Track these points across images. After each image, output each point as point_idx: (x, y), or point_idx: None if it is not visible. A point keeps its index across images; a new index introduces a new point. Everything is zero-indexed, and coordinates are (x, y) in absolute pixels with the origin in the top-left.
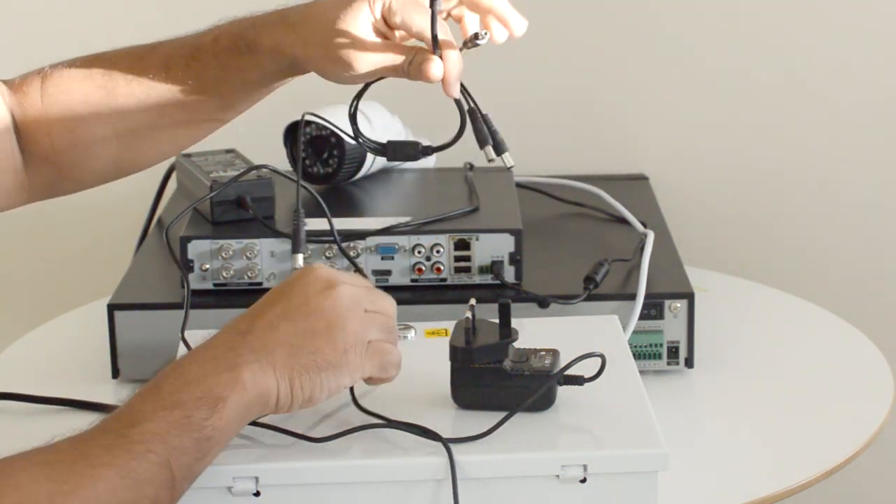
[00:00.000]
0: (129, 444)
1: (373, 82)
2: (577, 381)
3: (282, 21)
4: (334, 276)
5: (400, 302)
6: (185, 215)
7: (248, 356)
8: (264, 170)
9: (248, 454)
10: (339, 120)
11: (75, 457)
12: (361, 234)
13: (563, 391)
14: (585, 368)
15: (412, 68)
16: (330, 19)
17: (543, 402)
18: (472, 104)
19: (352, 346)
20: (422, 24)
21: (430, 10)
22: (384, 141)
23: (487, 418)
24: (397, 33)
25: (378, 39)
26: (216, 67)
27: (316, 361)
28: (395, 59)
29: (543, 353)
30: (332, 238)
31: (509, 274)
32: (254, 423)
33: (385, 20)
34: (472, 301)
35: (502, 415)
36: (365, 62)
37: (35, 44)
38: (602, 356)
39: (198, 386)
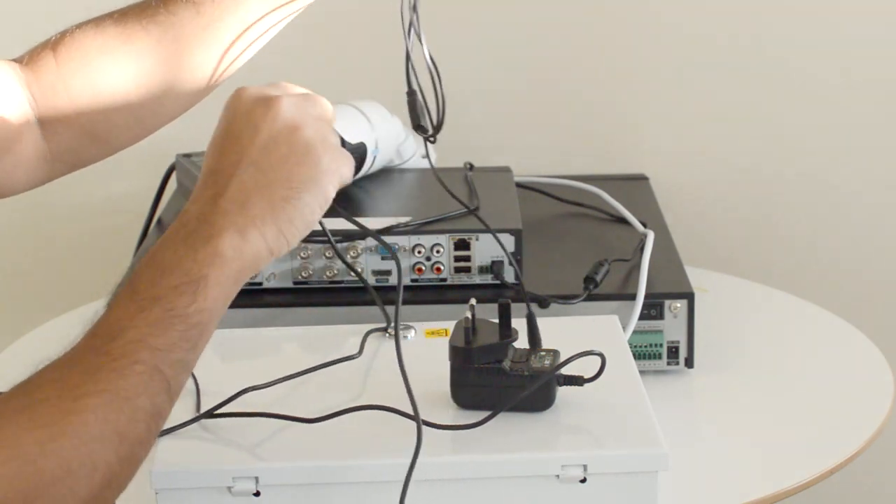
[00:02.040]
0: (112, 362)
1: None
2: (577, 381)
3: None
4: (265, 92)
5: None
6: None
7: (223, 222)
8: None
9: (248, 454)
10: (339, 120)
11: (59, 391)
12: (361, 234)
13: (563, 391)
14: (585, 369)
15: None
16: None
17: (543, 401)
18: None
19: (322, 152)
20: None
21: None
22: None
23: (484, 417)
24: None
25: None
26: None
27: (294, 187)
28: None
29: (544, 353)
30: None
31: (509, 274)
32: (246, 414)
33: None
34: (473, 301)
35: (500, 415)
36: None
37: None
38: (602, 355)
39: (172, 273)
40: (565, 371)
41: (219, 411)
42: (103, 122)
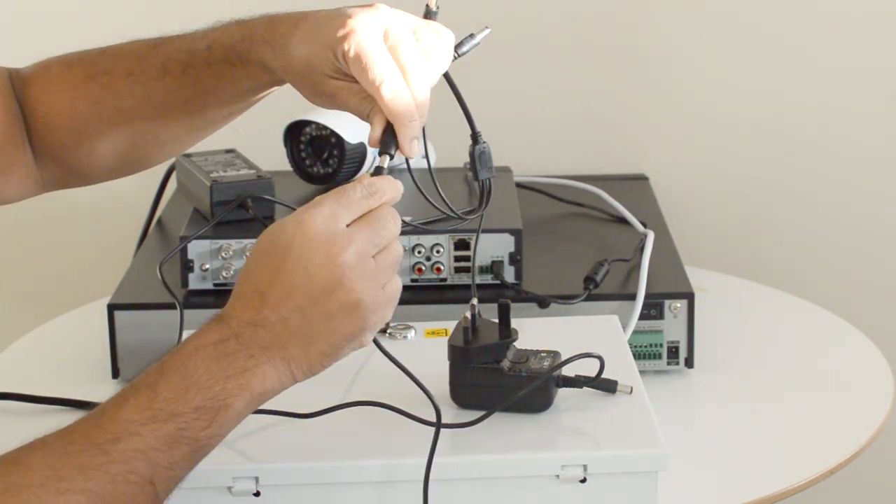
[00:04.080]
0: (108, 464)
1: None
2: (576, 383)
3: (267, 42)
4: (333, 238)
5: (400, 302)
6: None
7: (261, 356)
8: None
9: (248, 454)
10: (339, 120)
11: (45, 479)
12: None
13: (563, 390)
14: (585, 369)
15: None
16: (302, 55)
17: (540, 402)
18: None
19: (371, 311)
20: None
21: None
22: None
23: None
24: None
25: (344, 82)
26: (211, 76)
27: (335, 344)
28: (358, 105)
29: (544, 354)
30: None
31: (509, 274)
32: None
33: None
34: (474, 301)
35: (500, 415)
36: (332, 102)
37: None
38: (600, 358)
39: (199, 392)
40: (565, 372)
41: None
42: (86, 165)
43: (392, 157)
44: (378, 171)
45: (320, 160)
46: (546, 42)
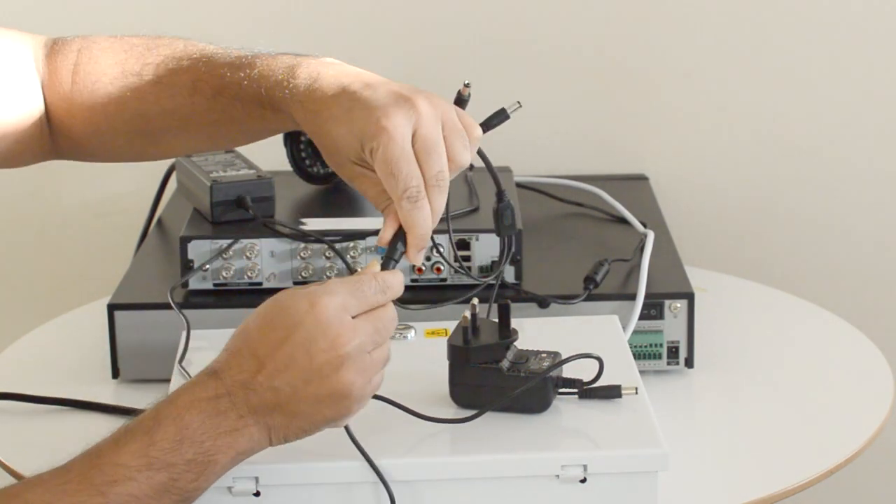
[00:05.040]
0: None
1: None
2: (575, 385)
3: (301, 104)
4: (341, 327)
5: (400, 302)
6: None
7: (249, 418)
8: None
9: None
10: None
11: None
12: (361, 234)
13: (563, 390)
14: (585, 370)
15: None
16: (331, 133)
17: (538, 403)
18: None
19: (356, 402)
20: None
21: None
22: None
23: (485, 418)
24: None
25: (366, 170)
26: (241, 109)
27: (315, 422)
28: (375, 197)
29: (544, 355)
30: (335, 238)
31: (509, 274)
32: None
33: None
34: (475, 301)
35: (500, 415)
36: (350, 181)
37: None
38: (599, 359)
39: (192, 446)
40: (565, 374)
41: None
42: (100, 151)
43: (397, 263)
44: (388, 262)
45: (320, 160)
46: (546, 42)
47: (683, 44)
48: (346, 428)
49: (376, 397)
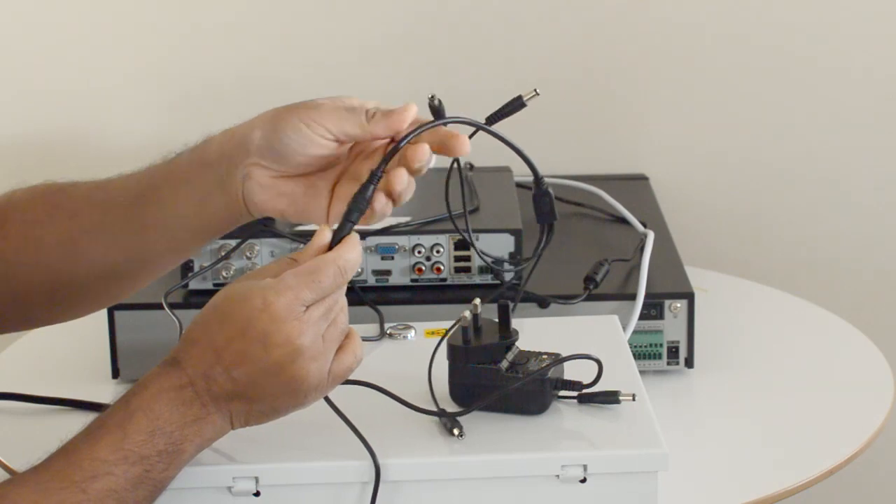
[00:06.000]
0: (86, 502)
1: None
2: (575, 387)
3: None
4: (296, 320)
5: (400, 302)
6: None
7: (211, 406)
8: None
9: (248, 454)
10: None
11: None
12: (361, 234)
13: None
14: (584, 371)
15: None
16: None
17: (536, 405)
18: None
19: (312, 391)
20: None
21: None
22: None
23: (485, 418)
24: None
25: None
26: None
27: (276, 407)
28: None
29: (545, 356)
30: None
31: (509, 274)
32: None
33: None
34: (476, 300)
35: (500, 415)
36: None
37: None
38: (598, 361)
39: (163, 437)
40: (565, 375)
41: None
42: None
43: (354, 225)
44: (345, 225)
45: None
46: (546, 42)
47: (684, 44)
48: (328, 398)
49: (375, 387)
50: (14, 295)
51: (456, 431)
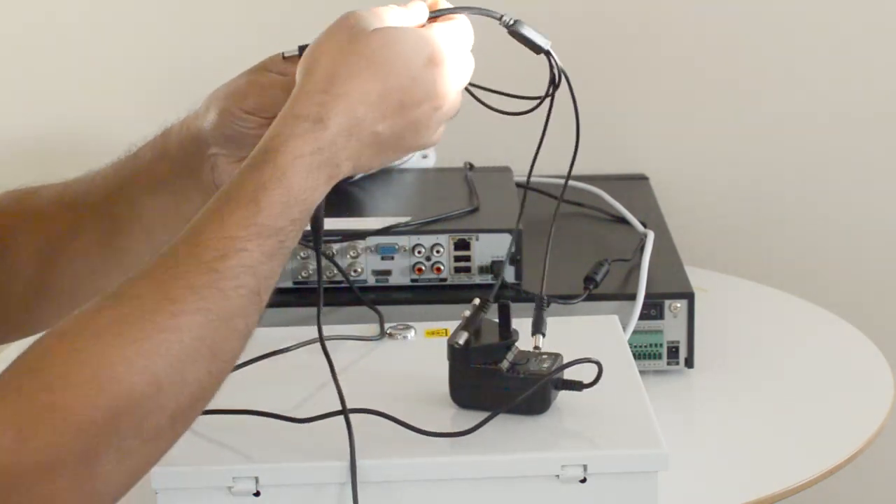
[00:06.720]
0: (219, 281)
1: None
2: (575, 386)
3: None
4: (437, 44)
5: (400, 302)
6: None
7: (344, 165)
8: None
9: (248, 454)
10: None
11: (157, 304)
12: (361, 234)
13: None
14: (585, 371)
15: None
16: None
17: (537, 405)
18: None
19: (435, 131)
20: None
21: None
22: None
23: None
24: None
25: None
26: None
27: (398, 154)
28: None
29: (545, 356)
30: (334, 238)
31: (509, 274)
32: (235, 411)
33: None
34: (476, 301)
35: (500, 416)
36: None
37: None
38: (598, 363)
39: (297, 205)
40: (564, 375)
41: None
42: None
43: None
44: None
45: None
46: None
47: (684, 44)
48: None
49: (378, 413)
50: None
51: None
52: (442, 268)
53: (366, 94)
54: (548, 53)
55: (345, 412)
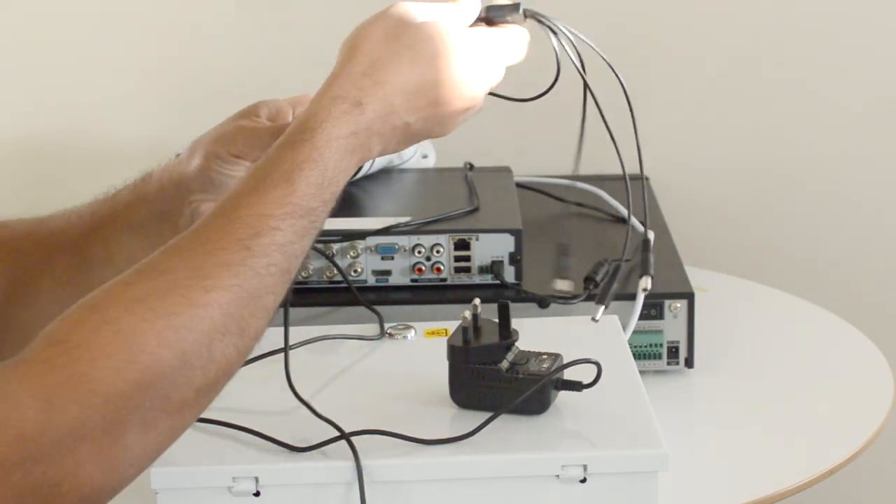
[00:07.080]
0: (251, 258)
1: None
2: (575, 386)
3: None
4: (481, 47)
5: (400, 302)
6: None
7: (375, 149)
8: None
9: (248, 454)
10: None
11: (189, 280)
12: (361, 234)
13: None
14: (585, 371)
15: None
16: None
17: (537, 405)
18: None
19: (461, 120)
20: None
21: None
22: None
23: (484, 418)
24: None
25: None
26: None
27: (426, 137)
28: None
29: (545, 356)
30: (335, 238)
31: (509, 274)
32: (238, 427)
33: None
34: (476, 301)
35: (499, 416)
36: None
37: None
38: (598, 364)
39: (329, 186)
40: (564, 375)
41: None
42: None
43: None
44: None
45: None
46: (545, 41)
47: (684, 43)
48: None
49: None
50: None
51: None
52: (442, 268)
53: (404, 85)
54: (554, 32)
55: (346, 436)
